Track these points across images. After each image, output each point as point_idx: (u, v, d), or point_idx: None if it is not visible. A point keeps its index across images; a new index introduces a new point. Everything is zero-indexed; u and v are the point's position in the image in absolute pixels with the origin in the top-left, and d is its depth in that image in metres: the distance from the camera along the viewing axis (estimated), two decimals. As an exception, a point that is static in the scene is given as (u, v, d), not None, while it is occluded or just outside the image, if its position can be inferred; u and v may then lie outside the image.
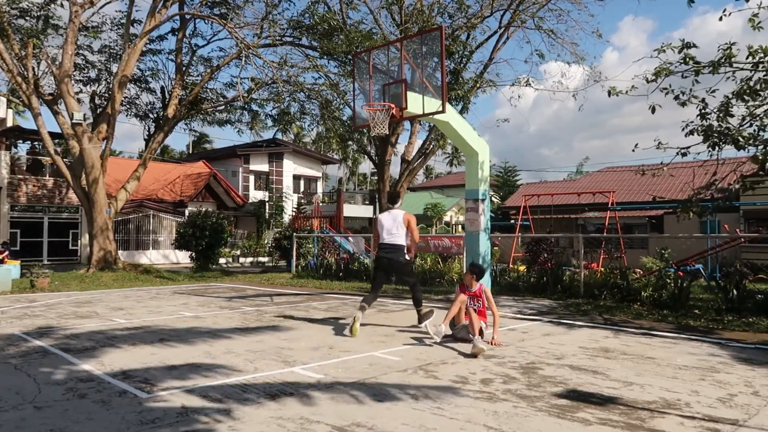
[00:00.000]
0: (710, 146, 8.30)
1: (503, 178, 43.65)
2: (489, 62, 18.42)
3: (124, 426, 3.72)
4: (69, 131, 17.71)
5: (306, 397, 4.41)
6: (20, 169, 23.58)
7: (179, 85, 20.00)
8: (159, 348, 6.31)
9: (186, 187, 29.19)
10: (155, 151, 20.76)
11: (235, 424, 3.76)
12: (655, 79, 8.38)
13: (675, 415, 3.97)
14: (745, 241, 15.92)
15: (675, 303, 9.48)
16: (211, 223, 19.38)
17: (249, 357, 5.82)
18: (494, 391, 4.55)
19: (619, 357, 5.86)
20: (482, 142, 10.72)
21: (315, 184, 39.32)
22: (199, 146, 49.72)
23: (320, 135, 23.91)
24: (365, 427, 3.71)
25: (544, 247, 15.35)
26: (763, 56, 7.65)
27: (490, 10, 17.50)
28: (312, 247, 19.12)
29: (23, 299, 11.38)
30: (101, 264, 17.56)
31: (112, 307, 10.11)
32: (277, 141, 36.54)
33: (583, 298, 10.74)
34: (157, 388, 4.62)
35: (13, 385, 4.71)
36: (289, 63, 18.61)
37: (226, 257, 25.72)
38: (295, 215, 27.76)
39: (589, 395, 4.45)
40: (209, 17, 18.33)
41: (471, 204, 10.74)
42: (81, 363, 5.53)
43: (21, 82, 16.85)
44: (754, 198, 18.68)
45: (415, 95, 9.15)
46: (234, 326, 7.89)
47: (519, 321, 8.38)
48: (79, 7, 17.15)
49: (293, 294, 12.55)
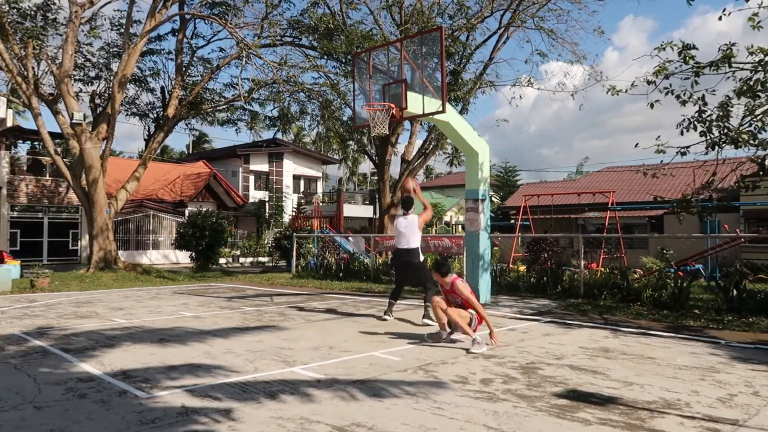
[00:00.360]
0: (710, 146, 8.30)
1: (503, 178, 43.69)
2: (489, 62, 18.43)
3: (124, 426, 3.72)
4: (69, 131, 17.71)
5: (306, 397, 4.41)
6: (20, 169, 23.57)
7: (179, 85, 19.99)
8: (159, 348, 6.31)
9: (186, 187, 29.19)
10: (155, 151, 20.76)
11: (235, 424, 3.76)
12: (654, 80, 8.38)
13: (675, 415, 3.97)
14: (745, 241, 15.92)
15: (675, 303, 9.48)
16: (211, 223, 19.38)
17: (249, 357, 5.82)
18: (494, 391, 4.55)
19: (619, 357, 5.86)
20: (482, 142, 10.72)
21: (315, 184, 39.31)
22: (199, 146, 49.72)
23: (320, 135, 23.93)
24: (365, 427, 3.71)
25: (544, 247, 15.36)
26: (764, 56, 7.64)
27: (490, 11, 17.51)
28: (312, 247, 19.12)
29: (23, 299, 11.38)
30: (101, 264, 17.56)
31: (112, 307, 10.11)
32: (277, 141, 36.53)
33: (583, 298, 10.74)
34: (157, 388, 4.62)
35: (13, 385, 4.71)
36: (290, 63, 18.62)
37: (226, 257, 25.72)
38: (295, 215, 27.75)
39: (589, 395, 4.45)
40: (209, 17, 18.33)
41: (471, 204, 10.74)
42: (81, 363, 5.53)
43: (21, 82, 16.84)
44: (754, 198, 18.68)
45: (415, 95, 9.15)
46: (234, 326, 7.90)
47: (519, 321, 8.38)
48: (79, 7, 17.15)
49: (293, 294, 12.55)
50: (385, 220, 19.67)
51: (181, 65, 20.09)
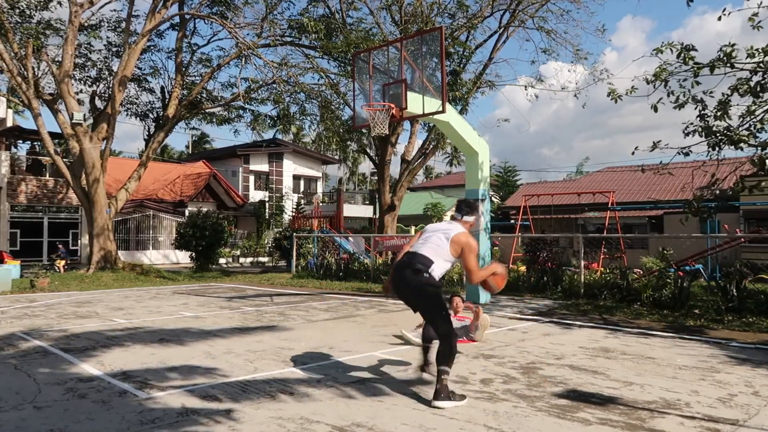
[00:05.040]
0: (710, 146, 8.30)
1: (503, 178, 43.67)
2: (489, 62, 18.42)
3: (124, 426, 3.72)
4: (69, 131, 17.71)
5: (306, 397, 4.41)
6: (20, 169, 23.57)
7: (179, 84, 19.99)
8: (159, 348, 6.31)
9: (186, 187, 29.19)
10: (155, 151, 20.74)
11: (235, 424, 3.76)
12: (654, 81, 8.38)
13: (675, 415, 3.97)
14: (745, 241, 15.92)
15: (675, 303, 9.48)
16: (211, 223, 19.39)
17: (249, 357, 5.82)
18: (494, 391, 4.55)
19: (619, 357, 5.86)
20: (482, 142, 10.72)
21: (315, 184, 39.31)
22: (199, 146, 49.71)
23: (320, 135, 23.91)
24: (365, 427, 3.71)
25: (543, 247, 15.35)
26: (764, 56, 7.64)
27: (490, 10, 17.50)
28: (312, 247, 19.12)
29: (23, 299, 11.38)
30: (101, 264, 17.56)
31: (112, 307, 10.10)
32: (277, 141, 36.52)
33: (583, 298, 10.74)
34: (157, 389, 4.62)
35: (13, 385, 4.71)
36: (290, 63, 18.61)
37: (226, 257, 25.72)
38: (295, 215, 27.76)
39: (589, 395, 4.45)
40: (209, 17, 18.32)
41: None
42: (81, 363, 5.53)
43: (21, 82, 16.84)
44: (754, 198, 18.67)
45: (415, 95, 9.15)
46: (234, 326, 7.89)
47: (519, 321, 8.38)
48: (79, 7, 17.15)
49: (293, 294, 12.55)
50: (385, 220, 19.67)
51: (180, 64, 20.09)
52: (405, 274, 4.37)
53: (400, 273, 4.42)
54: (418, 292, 4.37)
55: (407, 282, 4.37)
